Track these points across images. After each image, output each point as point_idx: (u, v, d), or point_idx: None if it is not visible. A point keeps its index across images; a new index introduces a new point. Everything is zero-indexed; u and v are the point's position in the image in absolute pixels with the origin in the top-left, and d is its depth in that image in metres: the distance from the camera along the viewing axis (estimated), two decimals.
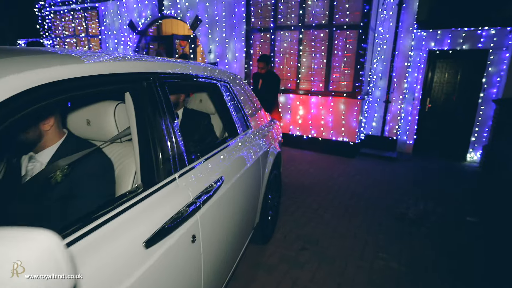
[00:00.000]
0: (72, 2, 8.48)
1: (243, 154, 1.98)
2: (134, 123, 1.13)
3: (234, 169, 1.77)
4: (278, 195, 3.13)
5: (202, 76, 1.82)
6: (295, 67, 5.84)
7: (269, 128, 2.84)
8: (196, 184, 1.33)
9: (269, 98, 4.64)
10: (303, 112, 5.87)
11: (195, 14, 6.62)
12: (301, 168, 4.93)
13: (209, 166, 1.52)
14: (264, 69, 4.67)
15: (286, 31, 5.80)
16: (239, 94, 2.36)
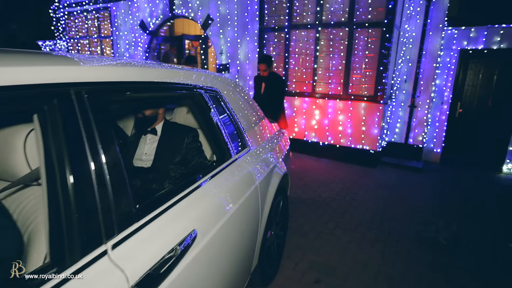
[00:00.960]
0: (85, 3, 8.40)
1: (234, 186, 1.54)
2: (41, 160, 0.77)
3: (216, 214, 1.31)
4: (285, 225, 2.65)
5: (176, 84, 1.39)
6: (311, 68, 5.43)
7: (275, 143, 2.44)
8: (143, 257, 0.88)
9: (274, 104, 4.22)
10: (319, 117, 5.45)
11: (207, 13, 6.32)
12: (316, 178, 4.52)
13: (176, 216, 1.08)
14: (267, 71, 4.19)
15: (302, 30, 5.40)
16: (233, 105, 1.93)
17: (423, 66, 5.25)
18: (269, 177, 2.01)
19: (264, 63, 4.14)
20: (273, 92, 4.23)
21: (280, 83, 4.26)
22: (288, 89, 5.75)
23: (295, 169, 4.94)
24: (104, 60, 1.06)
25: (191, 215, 1.15)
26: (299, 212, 3.47)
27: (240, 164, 1.71)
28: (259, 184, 1.80)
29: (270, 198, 1.99)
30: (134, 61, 1.26)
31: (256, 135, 2.14)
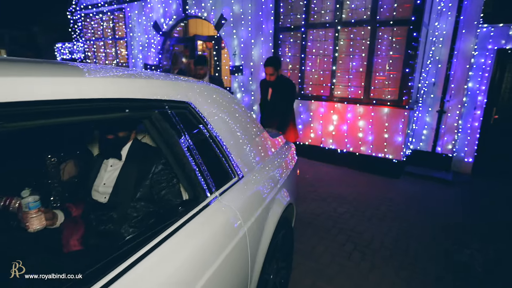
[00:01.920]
0: (100, 5, 8.37)
1: (205, 243, 1.10)
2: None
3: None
4: (289, 265, 2.21)
5: (117, 101, 0.95)
6: (329, 70, 5.06)
7: (277, 164, 2.00)
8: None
9: (282, 112, 3.69)
10: (337, 123, 5.07)
11: (220, 12, 6.08)
12: (333, 190, 4.15)
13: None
14: (274, 75, 3.63)
15: (319, 29, 5.04)
16: (216, 123, 1.46)
17: (454, 68, 4.77)
18: (266, 212, 1.62)
19: (270, 66, 3.58)
20: (281, 98, 3.70)
21: (289, 88, 3.71)
22: (304, 92, 5.41)
23: (309, 178, 4.59)
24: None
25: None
26: (311, 230, 3.13)
27: (216, 209, 1.23)
28: (248, 230, 1.37)
29: (267, 237, 1.60)
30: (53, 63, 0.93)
31: (250, 157, 1.71)
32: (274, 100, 3.76)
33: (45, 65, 0.90)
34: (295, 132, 3.90)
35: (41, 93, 0.71)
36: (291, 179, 2.16)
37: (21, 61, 0.84)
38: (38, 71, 0.78)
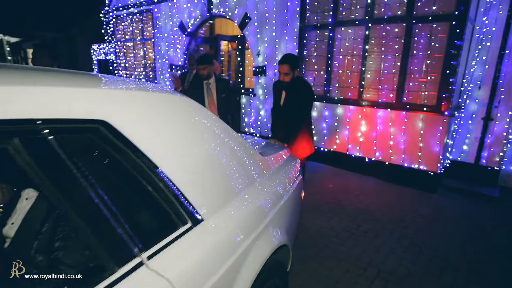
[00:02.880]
0: (130, 6, 8.52)
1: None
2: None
3: None
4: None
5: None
6: (358, 71, 4.66)
7: (268, 189, 1.54)
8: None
9: (296, 120, 3.09)
10: (366, 129, 4.65)
11: (244, 11, 5.87)
12: (358, 203, 3.77)
13: None
14: (289, 76, 3.02)
15: (348, 27, 4.66)
16: (160, 147, 1.01)
17: (504, 69, 4.17)
18: (237, 264, 1.16)
19: (285, 64, 2.97)
20: (296, 103, 3.09)
21: (306, 92, 3.09)
22: (330, 95, 5.04)
23: (332, 188, 4.23)
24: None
25: None
26: (329, 250, 2.80)
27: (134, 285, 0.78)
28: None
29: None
30: None
31: (219, 191, 1.22)
32: (287, 105, 3.19)
33: None
34: (310, 145, 3.28)
35: None
36: (288, 209, 1.72)
37: None
38: None
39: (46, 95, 0.74)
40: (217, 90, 3.59)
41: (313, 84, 5.28)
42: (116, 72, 9.82)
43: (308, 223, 3.29)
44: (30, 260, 0.86)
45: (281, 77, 3.08)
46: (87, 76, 1.05)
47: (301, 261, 2.64)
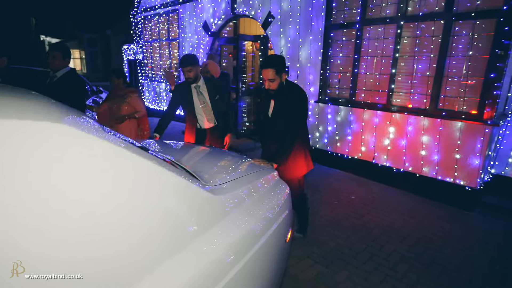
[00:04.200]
0: (157, 7, 8.60)
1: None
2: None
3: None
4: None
5: None
6: (387, 74, 4.28)
7: (221, 246, 1.13)
8: None
9: (287, 134, 2.50)
10: (395, 136, 4.26)
11: (268, 10, 5.65)
12: (382, 219, 3.42)
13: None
14: (275, 82, 2.45)
15: (378, 25, 4.29)
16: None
17: None
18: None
19: (270, 68, 2.39)
20: (286, 114, 2.52)
21: (297, 99, 2.51)
22: (356, 99, 4.69)
23: (355, 201, 3.90)
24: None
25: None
26: (346, 273, 2.52)
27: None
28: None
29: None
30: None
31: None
32: (276, 116, 2.60)
33: None
34: (306, 162, 2.70)
35: None
36: (260, 267, 1.32)
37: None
38: None
39: None
40: (209, 93, 3.19)
41: (338, 86, 4.95)
42: (143, 72, 10.00)
43: (325, 239, 3.02)
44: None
45: (265, 85, 2.49)
46: None
47: (314, 284, 2.38)
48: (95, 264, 0.77)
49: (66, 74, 3.02)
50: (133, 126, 3.56)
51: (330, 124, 5.00)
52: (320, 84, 5.06)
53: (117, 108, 3.46)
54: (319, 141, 5.22)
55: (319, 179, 4.64)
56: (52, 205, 0.70)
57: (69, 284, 0.71)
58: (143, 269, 0.86)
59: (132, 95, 3.52)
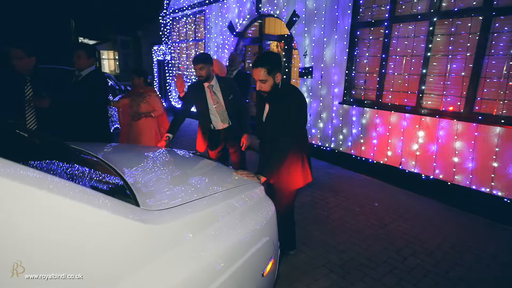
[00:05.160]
0: (185, 8, 8.75)
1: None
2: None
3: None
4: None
5: None
6: (417, 74, 4.02)
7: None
8: None
9: (280, 141, 2.16)
10: (424, 141, 3.99)
11: (292, 9, 5.53)
12: (409, 230, 3.19)
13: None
14: (267, 83, 2.15)
15: (409, 22, 4.04)
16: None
17: None
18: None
19: (261, 67, 2.10)
20: (281, 119, 2.19)
21: (293, 102, 2.19)
22: (383, 100, 4.45)
23: (378, 208, 3.69)
24: None
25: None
26: (366, 284, 2.36)
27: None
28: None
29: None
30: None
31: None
32: (270, 121, 2.29)
33: None
34: (303, 173, 2.36)
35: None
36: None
37: None
38: None
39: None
40: (222, 92, 3.08)
41: (363, 87, 4.74)
42: (170, 72, 10.23)
43: (344, 248, 2.87)
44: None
45: (257, 86, 2.20)
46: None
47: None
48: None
49: (91, 73, 3.11)
50: (152, 125, 3.61)
51: (355, 126, 4.79)
52: (345, 85, 4.87)
53: (136, 106, 3.52)
54: (343, 144, 5.02)
55: (340, 183, 4.45)
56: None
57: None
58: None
59: (151, 94, 3.57)
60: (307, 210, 3.61)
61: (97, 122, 3.16)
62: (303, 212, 3.55)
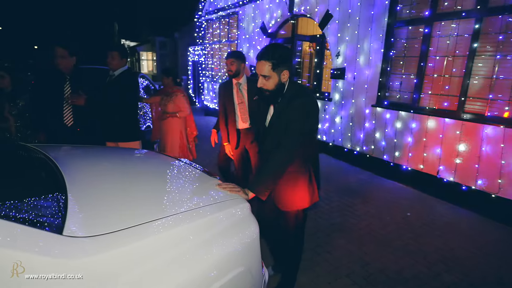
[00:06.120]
0: (219, 10, 8.89)
1: None
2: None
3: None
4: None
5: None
6: (460, 75, 3.72)
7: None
8: None
9: (278, 152, 1.77)
10: (466, 149, 3.68)
11: (326, 8, 5.39)
12: (441, 242, 2.96)
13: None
14: (270, 80, 1.81)
15: (451, 20, 3.76)
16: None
17: None
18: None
19: (264, 61, 1.77)
20: (283, 126, 1.81)
21: (299, 107, 1.78)
22: (419, 104, 4.18)
23: (411, 219, 3.46)
24: None
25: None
26: None
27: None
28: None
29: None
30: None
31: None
32: (271, 128, 1.94)
33: None
34: (310, 192, 1.95)
35: None
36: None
37: None
38: None
39: None
40: (248, 93, 3.11)
41: (399, 90, 4.48)
42: (204, 72, 10.44)
43: (370, 259, 2.72)
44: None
45: (258, 82, 1.84)
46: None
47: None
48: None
49: (123, 73, 3.23)
50: (176, 125, 3.65)
51: (389, 131, 4.55)
52: (379, 87, 4.64)
53: (163, 105, 3.62)
54: (375, 148, 4.79)
55: (370, 189, 4.25)
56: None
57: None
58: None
59: (178, 94, 3.62)
60: (334, 216, 3.48)
61: (128, 121, 3.28)
62: (330, 218, 3.43)
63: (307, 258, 2.65)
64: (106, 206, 1.12)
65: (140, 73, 5.60)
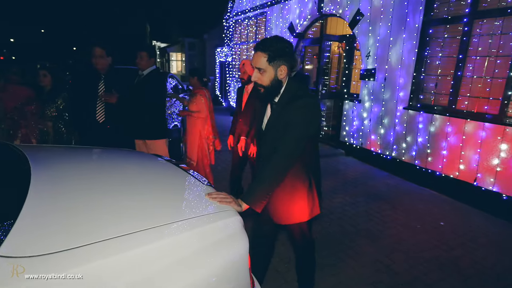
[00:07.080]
0: (247, 11, 8.93)
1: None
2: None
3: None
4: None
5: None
6: (503, 77, 3.46)
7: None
8: None
9: (275, 158, 1.54)
10: (507, 155, 3.42)
11: (356, 7, 5.23)
12: (478, 256, 2.75)
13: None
14: (265, 75, 1.60)
15: (494, 18, 3.50)
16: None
17: None
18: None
19: (260, 52, 1.58)
20: (280, 129, 1.61)
21: (299, 109, 1.58)
22: (457, 107, 3.94)
23: (444, 229, 3.26)
24: None
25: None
26: None
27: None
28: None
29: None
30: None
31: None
32: (268, 130, 1.72)
33: None
34: (310, 203, 1.73)
35: None
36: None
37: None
38: None
39: None
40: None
41: (434, 92, 4.25)
42: (230, 73, 10.53)
43: (399, 269, 2.58)
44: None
45: (253, 75, 1.65)
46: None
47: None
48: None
49: (151, 73, 3.31)
50: (196, 125, 3.64)
51: (421, 134, 4.33)
52: (412, 89, 4.43)
53: (188, 105, 3.68)
54: (406, 153, 4.58)
55: (400, 195, 4.06)
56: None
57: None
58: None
59: (197, 95, 3.62)
60: (360, 221, 3.36)
61: (155, 119, 3.36)
62: (355, 223, 3.31)
63: (329, 264, 2.58)
64: (67, 220, 0.98)
65: (169, 73, 5.74)
